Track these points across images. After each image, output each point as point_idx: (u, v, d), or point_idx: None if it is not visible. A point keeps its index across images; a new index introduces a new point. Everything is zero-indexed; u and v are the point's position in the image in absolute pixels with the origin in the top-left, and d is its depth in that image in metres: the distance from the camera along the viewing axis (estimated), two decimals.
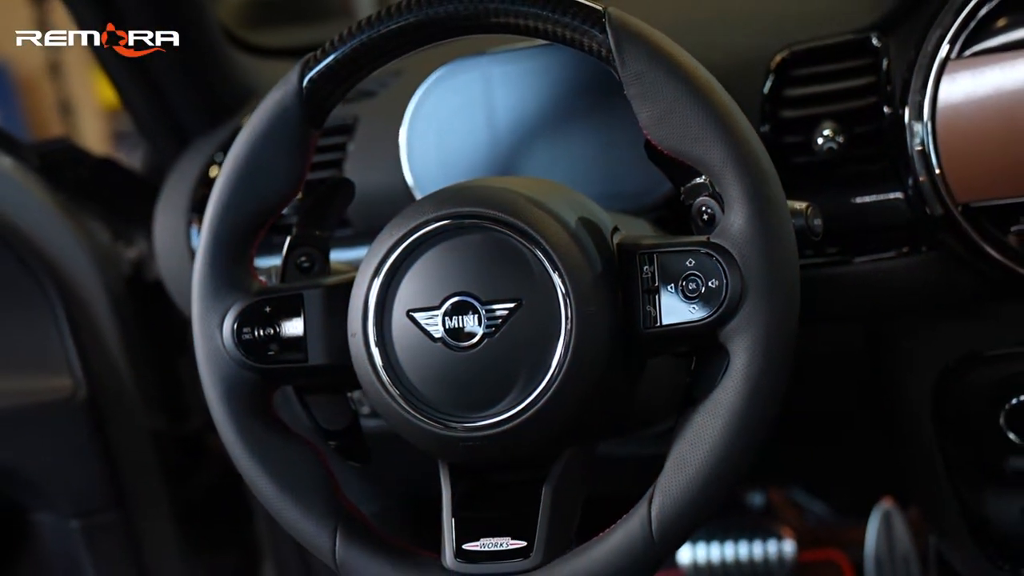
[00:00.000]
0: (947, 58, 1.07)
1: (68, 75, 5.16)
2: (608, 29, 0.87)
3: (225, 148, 1.44)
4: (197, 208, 1.42)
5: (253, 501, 1.77)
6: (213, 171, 1.43)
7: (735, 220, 0.85)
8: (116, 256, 1.67)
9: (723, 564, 1.85)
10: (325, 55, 0.94)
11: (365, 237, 1.26)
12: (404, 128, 1.25)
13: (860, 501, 1.83)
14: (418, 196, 1.24)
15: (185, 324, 1.76)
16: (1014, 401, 1.19)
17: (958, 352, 1.22)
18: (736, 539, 1.86)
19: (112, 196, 1.71)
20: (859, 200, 1.14)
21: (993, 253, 1.08)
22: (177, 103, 1.47)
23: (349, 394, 1.03)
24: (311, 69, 0.95)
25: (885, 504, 1.78)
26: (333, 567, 0.96)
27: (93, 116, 5.26)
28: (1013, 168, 1.06)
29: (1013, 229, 1.07)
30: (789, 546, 1.85)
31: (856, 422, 1.52)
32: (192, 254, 1.42)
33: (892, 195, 1.13)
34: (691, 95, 0.86)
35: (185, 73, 1.45)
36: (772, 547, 1.85)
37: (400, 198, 1.26)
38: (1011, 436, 1.20)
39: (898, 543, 1.77)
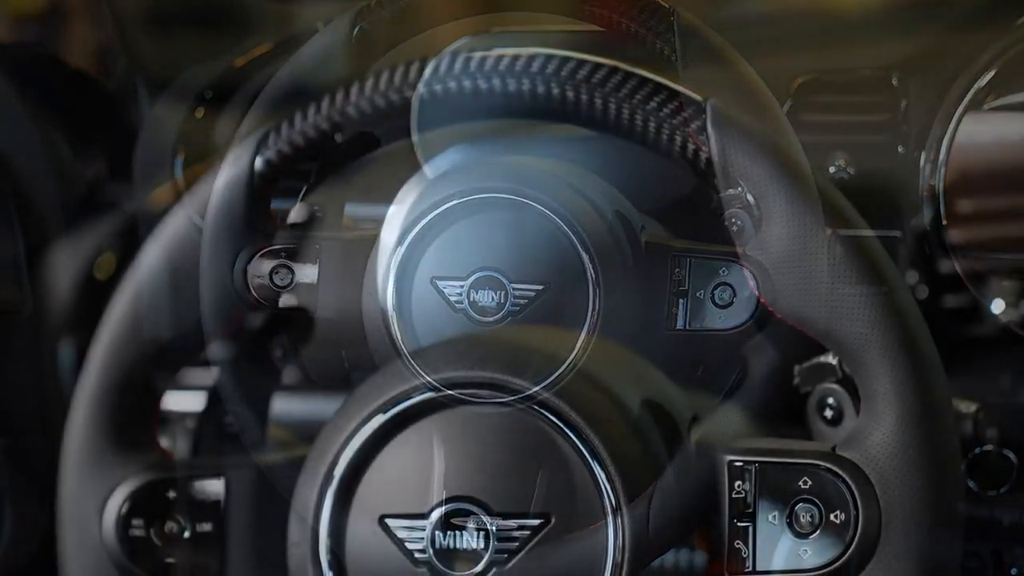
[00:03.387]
0: (969, 106, 1.09)
1: None
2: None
3: (216, 84, 1.41)
4: (182, 140, 1.38)
5: None
6: (199, 112, 1.40)
7: (773, 234, 0.84)
8: (75, 173, 1.61)
9: None
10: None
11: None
12: None
13: None
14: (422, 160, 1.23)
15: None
16: (976, 451, 1.23)
17: None
18: None
19: (79, 110, 1.66)
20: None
21: (985, 303, 1.10)
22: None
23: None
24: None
25: None
26: None
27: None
28: (1018, 226, 1.08)
29: (1004, 283, 1.10)
30: (700, 557, 1.86)
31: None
32: (175, 186, 1.38)
33: (889, 233, 1.15)
34: None
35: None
36: (684, 556, 1.86)
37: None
38: (970, 484, 1.23)
39: None
